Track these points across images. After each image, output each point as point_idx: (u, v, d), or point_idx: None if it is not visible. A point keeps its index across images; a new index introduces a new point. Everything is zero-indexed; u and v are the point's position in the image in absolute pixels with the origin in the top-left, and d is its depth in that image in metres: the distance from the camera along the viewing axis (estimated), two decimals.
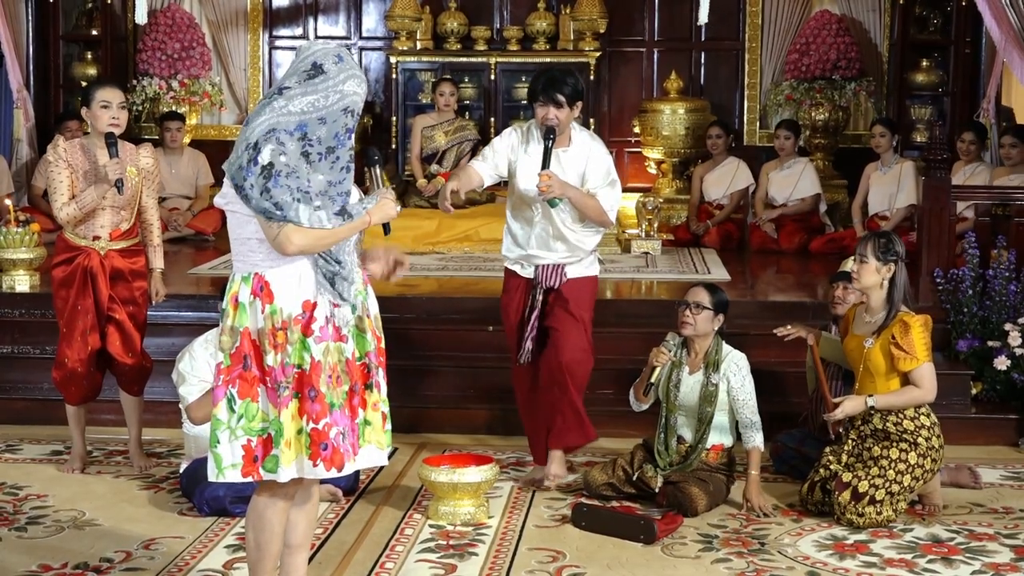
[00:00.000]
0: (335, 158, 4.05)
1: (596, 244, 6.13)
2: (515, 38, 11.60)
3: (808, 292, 8.72)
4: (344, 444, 4.13)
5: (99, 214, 6.14)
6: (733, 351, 6.00)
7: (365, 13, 12.18)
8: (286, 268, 4.07)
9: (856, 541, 5.45)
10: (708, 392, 5.91)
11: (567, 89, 5.83)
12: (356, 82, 4.08)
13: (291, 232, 3.98)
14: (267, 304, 4.06)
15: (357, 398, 4.18)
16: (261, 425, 4.08)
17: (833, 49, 11.34)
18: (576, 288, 6.05)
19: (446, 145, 10.62)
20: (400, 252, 4.39)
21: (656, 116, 11.20)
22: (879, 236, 5.79)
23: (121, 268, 6.24)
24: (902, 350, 5.64)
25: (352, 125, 4.08)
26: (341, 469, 4.14)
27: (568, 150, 5.95)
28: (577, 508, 5.63)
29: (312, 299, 4.09)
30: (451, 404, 7.27)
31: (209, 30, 12.00)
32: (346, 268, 4.13)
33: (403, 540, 5.42)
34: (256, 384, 4.08)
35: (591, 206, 5.90)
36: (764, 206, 10.53)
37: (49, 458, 6.59)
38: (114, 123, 6.09)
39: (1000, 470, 6.53)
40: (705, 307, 5.93)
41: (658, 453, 5.95)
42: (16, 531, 5.47)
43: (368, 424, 4.21)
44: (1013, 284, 7.33)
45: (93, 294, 6.20)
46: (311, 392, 4.08)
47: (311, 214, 3.98)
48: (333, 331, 4.12)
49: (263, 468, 4.09)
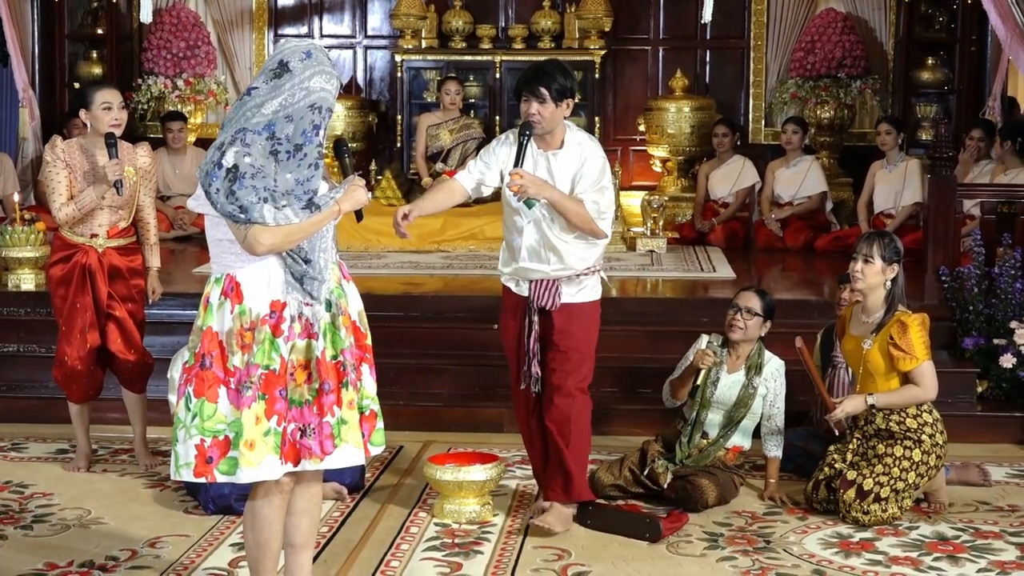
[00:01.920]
0: (303, 155, 4.00)
1: (595, 260, 5.52)
2: (520, 36, 11.60)
3: (814, 290, 8.72)
4: (304, 441, 4.09)
5: (97, 213, 6.15)
6: (774, 358, 6.04)
7: (370, 12, 12.17)
8: (256, 268, 4.06)
9: (862, 539, 5.45)
10: (747, 394, 5.93)
11: (552, 83, 5.29)
12: (323, 78, 4.02)
13: (258, 232, 3.96)
14: (236, 304, 4.05)
15: (331, 396, 4.12)
16: (218, 426, 4.04)
17: (838, 47, 11.34)
18: (576, 319, 5.49)
19: (451, 143, 10.61)
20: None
21: (661, 114, 11.19)
22: (882, 236, 5.77)
23: (119, 266, 6.25)
24: (901, 350, 5.62)
25: (320, 122, 4.01)
26: (296, 464, 4.10)
27: (559, 153, 5.40)
28: (582, 506, 5.62)
29: (281, 299, 4.07)
30: (456, 402, 7.27)
31: (214, 29, 12.00)
32: (315, 267, 4.08)
33: (408, 538, 5.41)
34: (216, 385, 4.04)
35: (574, 211, 5.30)
36: (770, 204, 10.53)
37: (54, 456, 6.59)
38: (115, 124, 6.10)
39: (1006, 468, 6.52)
40: (756, 313, 5.95)
41: (679, 445, 5.94)
42: (22, 529, 5.47)
43: (344, 423, 4.14)
44: (1019, 282, 7.32)
45: (92, 291, 6.21)
46: (281, 392, 4.07)
47: (275, 213, 3.96)
48: (302, 329, 4.09)
49: (218, 470, 4.05)
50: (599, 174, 5.39)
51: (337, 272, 4.21)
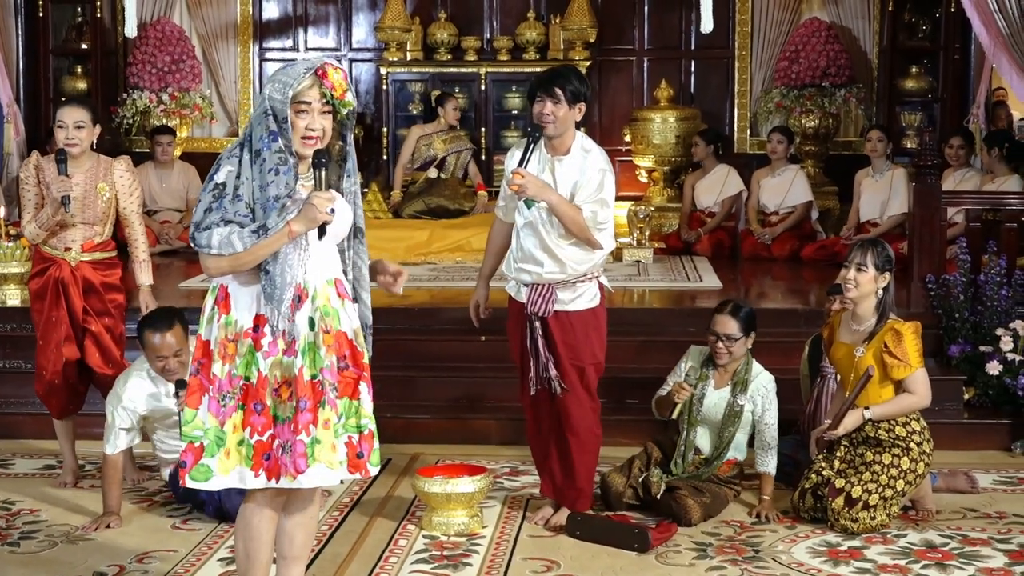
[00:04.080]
0: (262, 160, 4.04)
1: (592, 268, 5.53)
2: (505, 48, 11.63)
3: (800, 299, 8.74)
4: (283, 458, 4.08)
5: (71, 228, 6.13)
6: (763, 372, 6.00)
7: (355, 24, 12.19)
8: (245, 280, 4.10)
9: (850, 547, 5.45)
10: (733, 412, 5.91)
11: (568, 85, 5.38)
12: (272, 86, 4.06)
13: (204, 258, 4.05)
14: (223, 315, 4.10)
15: (307, 415, 4.08)
16: (195, 432, 4.08)
17: (823, 56, 11.38)
18: (574, 327, 5.54)
19: (444, 152, 10.68)
20: (395, 265, 4.37)
21: (647, 125, 11.22)
22: (875, 244, 5.76)
23: (92, 280, 6.20)
24: (896, 358, 5.63)
25: (274, 128, 4.03)
26: (279, 480, 4.10)
27: (564, 159, 5.46)
28: (571, 517, 5.62)
29: (265, 313, 4.09)
30: (444, 414, 7.26)
31: (199, 43, 12.01)
32: (273, 282, 4.04)
33: (397, 551, 5.41)
34: (201, 392, 4.09)
35: (571, 218, 5.35)
36: (756, 213, 10.55)
37: (41, 472, 6.57)
38: (69, 143, 6.04)
39: (993, 475, 6.53)
40: (736, 338, 5.92)
41: (675, 464, 5.94)
42: (9, 546, 5.45)
43: (318, 442, 4.09)
44: (1004, 289, 7.34)
45: (66, 305, 6.18)
46: (256, 405, 4.08)
47: (221, 240, 4.00)
48: (286, 346, 4.09)
49: (190, 476, 4.09)
50: (598, 185, 5.42)
51: (331, 290, 4.19)
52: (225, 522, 5.61)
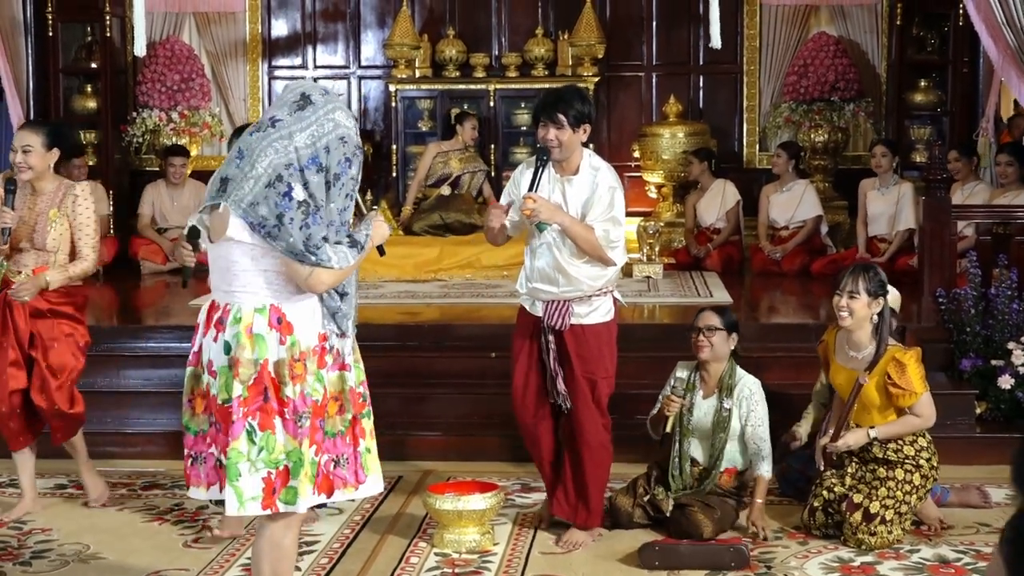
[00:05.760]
0: (340, 185, 4.07)
1: (606, 283, 5.58)
2: (514, 64, 11.65)
3: (811, 314, 8.72)
4: (338, 472, 4.15)
5: (23, 254, 5.93)
6: (747, 376, 5.98)
7: (364, 42, 12.22)
8: (303, 301, 4.10)
9: (863, 563, 5.43)
10: (721, 418, 5.90)
11: (570, 109, 5.39)
12: (344, 114, 4.12)
13: (321, 274, 4.02)
14: (287, 336, 4.07)
15: (358, 427, 4.21)
16: (279, 457, 4.06)
17: (831, 71, 11.39)
18: (588, 341, 5.58)
19: (460, 171, 10.69)
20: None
21: (656, 140, 11.23)
22: (866, 270, 5.73)
23: (40, 307, 5.93)
24: (900, 388, 5.61)
25: (348, 154, 4.07)
26: (331, 495, 4.15)
27: (574, 179, 5.49)
28: (646, 548, 5.42)
29: (324, 331, 4.14)
30: (455, 431, 7.25)
31: (208, 61, 12.05)
32: (349, 302, 4.17)
33: (408, 569, 5.40)
34: (273, 415, 4.05)
35: (584, 238, 5.40)
36: (766, 229, 10.55)
37: (52, 492, 6.56)
38: (20, 167, 5.86)
39: (1006, 489, 6.49)
40: (718, 328, 5.92)
41: (672, 477, 5.93)
42: (21, 565, 5.45)
43: (369, 452, 4.24)
44: (1016, 303, 7.33)
45: (13, 331, 5.94)
46: (321, 422, 4.11)
47: (337, 255, 4.03)
48: (333, 361, 4.16)
49: (280, 500, 4.06)
50: (609, 204, 5.45)
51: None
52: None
